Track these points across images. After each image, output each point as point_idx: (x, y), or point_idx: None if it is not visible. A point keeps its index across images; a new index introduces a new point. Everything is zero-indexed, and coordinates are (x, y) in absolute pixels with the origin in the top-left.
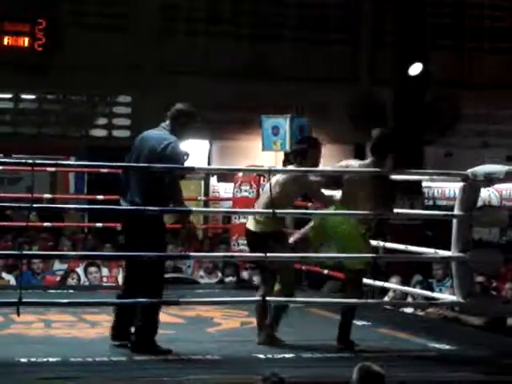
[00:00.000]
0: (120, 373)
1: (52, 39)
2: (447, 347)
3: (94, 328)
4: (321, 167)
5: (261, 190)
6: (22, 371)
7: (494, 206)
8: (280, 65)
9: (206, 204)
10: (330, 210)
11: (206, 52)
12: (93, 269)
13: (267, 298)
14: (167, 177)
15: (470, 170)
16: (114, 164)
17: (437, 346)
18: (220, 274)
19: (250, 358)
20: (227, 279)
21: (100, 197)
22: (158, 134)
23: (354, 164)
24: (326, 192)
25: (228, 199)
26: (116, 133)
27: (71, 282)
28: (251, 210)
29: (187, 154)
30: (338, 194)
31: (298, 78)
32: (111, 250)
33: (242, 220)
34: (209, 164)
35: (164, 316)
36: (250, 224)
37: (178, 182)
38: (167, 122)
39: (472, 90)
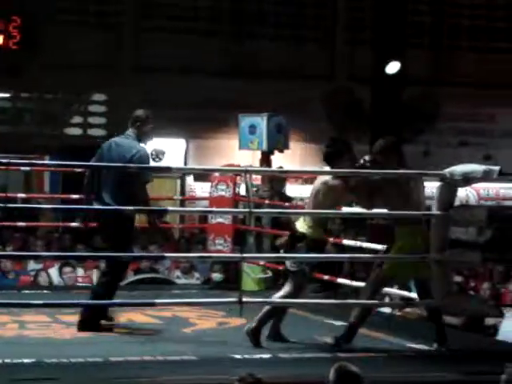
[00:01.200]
0: (96, 374)
1: (27, 37)
2: (424, 347)
3: (70, 328)
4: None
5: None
6: None
7: (471, 205)
8: (257, 63)
9: (182, 203)
10: None
11: (183, 50)
12: (68, 269)
13: (243, 299)
14: (138, 180)
15: (447, 170)
16: (90, 164)
17: (414, 345)
18: (197, 275)
19: (226, 359)
20: (214, 275)
21: (75, 196)
22: (126, 142)
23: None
24: None
25: (204, 198)
26: (91, 131)
27: (42, 282)
28: (228, 209)
29: (163, 153)
30: None
31: (275, 76)
32: (84, 251)
33: (219, 219)
34: (185, 163)
35: (140, 316)
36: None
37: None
38: (130, 130)
39: (450, 88)
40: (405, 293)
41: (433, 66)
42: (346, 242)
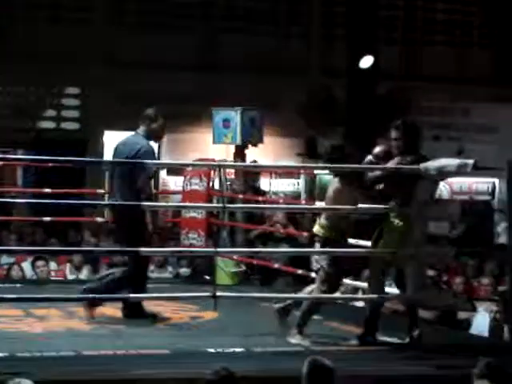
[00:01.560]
0: (68, 367)
1: None
2: (398, 341)
3: (43, 322)
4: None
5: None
6: None
7: (445, 199)
8: (231, 58)
9: (155, 197)
10: None
11: (157, 45)
12: (40, 263)
13: (217, 294)
14: (141, 176)
15: (422, 165)
16: (64, 158)
17: (387, 339)
18: (171, 269)
19: (199, 352)
20: (181, 270)
21: (47, 190)
22: (133, 139)
23: None
24: None
25: (178, 192)
26: (65, 125)
27: (15, 275)
28: (201, 204)
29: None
30: None
31: (249, 70)
32: (57, 245)
33: (193, 214)
34: (159, 157)
35: (113, 310)
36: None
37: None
38: (140, 128)
39: (424, 82)
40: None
41: (407, 61)
42: None
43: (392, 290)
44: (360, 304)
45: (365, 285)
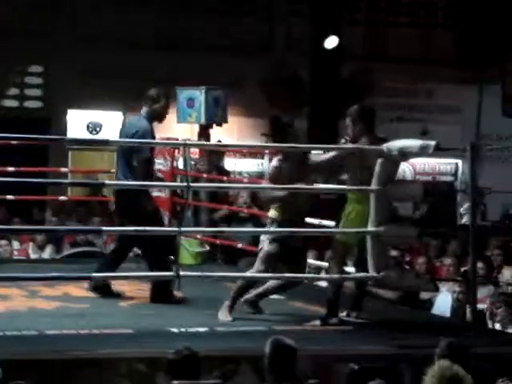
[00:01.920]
0: (30, 347)
1: None
2: (360, 321)
3: (5, 301)
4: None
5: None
6: None
7: (407, 180)
8: (194, 36)
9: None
10: None
11: (120, 22)
12: (3, 242)
13: (181, 273)
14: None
15: (384, 145)
16: (27, 136)
17: (350, 319)
18: (134, 249)
19: (163, 332)
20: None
21: (11, 169)
22: (134, 119)
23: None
24: None
25: None
26: (28, 104)
27: None
28: (165, 183)
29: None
30: None
31: (212, 49)
32: (20, 224)
33: (157, 193)
34: (121, 136)
35: (76, 290)
36: None
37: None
38: (143, 109)
39: (388, 63)
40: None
41: (371, 42)
42: None
43: (353, 269)
44: (324, 284)
45: (327, 264)
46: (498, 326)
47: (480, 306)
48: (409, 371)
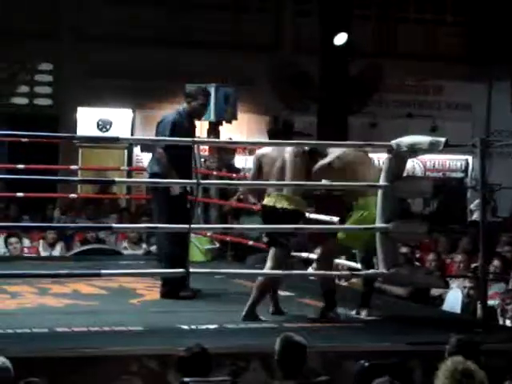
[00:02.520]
0: (41, 344)
1: None
2: (371, 317)
3: (16, 299)
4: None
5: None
6: None
7: (417, 176)
8: (204, 33)
9: (129, 174)
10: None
11: (129, 20)
12: (13, 239)
13: (191, 270)
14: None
15: (394, 141)
16: (36, 133)
17: (360, 316)
18: (145, 246)
19: (173, 329)
20: (152, 248)
21: (21, 166)
22: (170, 116)
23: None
24: None
25: None
26: (37, 101)
27: None
28: (175, 180)
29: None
30: None
31: (222, 46)
32: (30, 222)
33: None
34: (132, 133)
35: (87, 287)
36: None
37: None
38: (182, 106)
39: (397, 60)
40: (351, 263)
41: (380, 38)
42: None
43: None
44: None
45: (337, 261)
46: (508, 323)
47: (491, 302)
48: (419, 368)
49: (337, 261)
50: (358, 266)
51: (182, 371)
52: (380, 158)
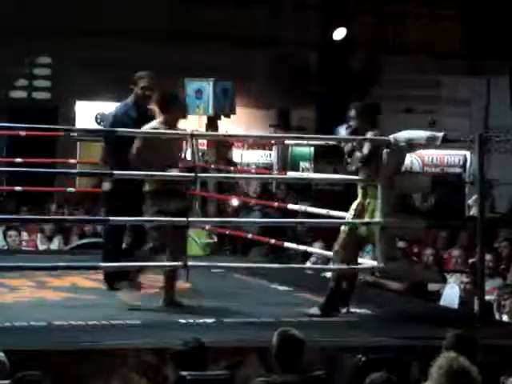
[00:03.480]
0: (39, 337)
1: None
2: (368, 312)
3: (13, 292)
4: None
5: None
6: None
7: (415, 171)
8: (203, 27)
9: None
10: None
11: (128, 14)
12: (12, 232)
13: (189, 263)
14: None
15: (391, 136)
16: (36, 126)
17: (357, 310)
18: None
19: (170, 323)
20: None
21: (19, 160)
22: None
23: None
24: None
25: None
26: (36, 95)
27: None
28: (173, 173)
29: None
30: None
31: (221, 40)
32: (28, 214)
33: None
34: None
35: (84, 281)
36: None
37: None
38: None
39: (396, 54)
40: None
41: (379, 33)
42: (291, 206)
43: (361, 260)
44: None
45: None
46: (505, 318)
47: (488, 297)
48: (416, 363)
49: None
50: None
51: (180, 365)
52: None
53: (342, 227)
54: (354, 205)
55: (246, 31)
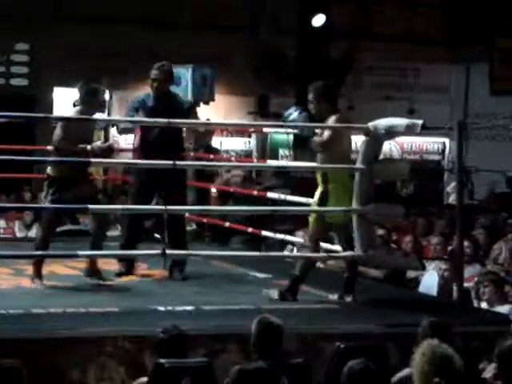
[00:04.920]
0: (16, 325)
1: None
2: (348, 299)
3: None
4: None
5: None
6: None
7: (394, 158)
8: (180, 13)
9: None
10: None
11: (105, 0)
12: None
13: (167, 252)
14: None
15: (371, 124)
16: (14, 114)
17: (337, 298)
18: (120, 227)
19: (149, 311)
20: None
21: None
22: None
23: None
24: None
25: (129, 150)
26: (14, 81)
27: None
28: (152, 161)
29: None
30: None
31: (199, 26)
32: (7, 202)
33: None
34: (108, 114)
35: (61, 268)
36: None
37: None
38: None
39: (375, 42)
40: (328, 245)
41: (358, 20)
42: (270, 194)
43: (339, 247)
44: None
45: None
46: (484, 305)
47: (466, 284)
48: (396, 350)
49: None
50: (337, 247)
51: (159, 352)
52: (357, 141)
53: (309, 217)
54: (317, 194)
55: (224, 17)
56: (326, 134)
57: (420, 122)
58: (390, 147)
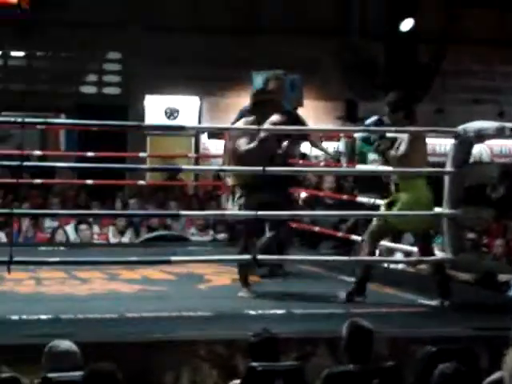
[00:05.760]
0: (111, 329)
1: None
2: (436, 303)
3: (86, 284)
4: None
5: None
6: (13, 328)
7: (484, 162)
8: (270, 19)
9: (196, 161)
10: None
11: (195, 8)
12: (83, 226)
13: (258, 256)
14: None
15: (460, 127)
16: (107, 123)
17: (426, 302)
18: (212, 232)
19: (241, 315)
20: (219, 236)
21: (90, 154)
22: None
23: None
24: None
25: (219, 156)
26: (106, 90)
27: (59, 239)
28: (240, 167)
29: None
30: None
31: (287, 32)
32: (99, 209)
33: None
34: (199, 121)
35: (155, 273)
36: None
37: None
38: None
39: (464, 45)
40: (414, 248)
41: (446, 24)
42: (360, 199)
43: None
44: (400, 266)
45: (403, 246)
46: None
47: None
48: (486, 353)
49: (402, 246)
50: (413, 248)
51: (251, 356)
52: (446, 144)
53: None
54: (388, 199)
55: (313, 22)
56: (402, 148)
57: (510, 125)
58: (479, 150)
